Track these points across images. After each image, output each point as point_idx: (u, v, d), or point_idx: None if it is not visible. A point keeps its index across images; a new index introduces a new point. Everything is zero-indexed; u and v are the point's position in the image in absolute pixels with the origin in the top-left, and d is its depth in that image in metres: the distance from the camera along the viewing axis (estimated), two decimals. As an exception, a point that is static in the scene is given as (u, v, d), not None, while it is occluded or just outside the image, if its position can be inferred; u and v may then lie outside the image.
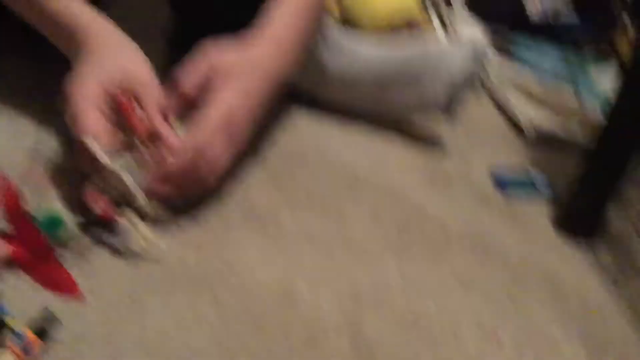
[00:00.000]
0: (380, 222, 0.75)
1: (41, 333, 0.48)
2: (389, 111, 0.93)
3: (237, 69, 0.66)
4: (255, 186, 0.74)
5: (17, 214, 0.55)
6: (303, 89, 0.93)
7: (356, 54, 0.90)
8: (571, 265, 0.77)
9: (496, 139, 1.04)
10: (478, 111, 1.12)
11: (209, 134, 0.62)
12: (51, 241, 0.56)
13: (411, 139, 0.95)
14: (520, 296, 0.69)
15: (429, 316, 0.63)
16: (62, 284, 0.54)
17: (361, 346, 0.57)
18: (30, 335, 0.47)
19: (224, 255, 0.63)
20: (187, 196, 0.64)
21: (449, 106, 0.91)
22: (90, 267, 0.57)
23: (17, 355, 0.46)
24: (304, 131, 0.89)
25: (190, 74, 0.66)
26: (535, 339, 0.64)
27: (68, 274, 0.55)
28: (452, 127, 1.01)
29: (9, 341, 0.46)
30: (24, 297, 0.52)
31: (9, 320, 0.47)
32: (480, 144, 1.01)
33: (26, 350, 0.46)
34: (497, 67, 1.19)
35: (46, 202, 0.59)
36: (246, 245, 0.65)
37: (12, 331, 0.47)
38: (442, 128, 0.97)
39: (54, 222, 0.56)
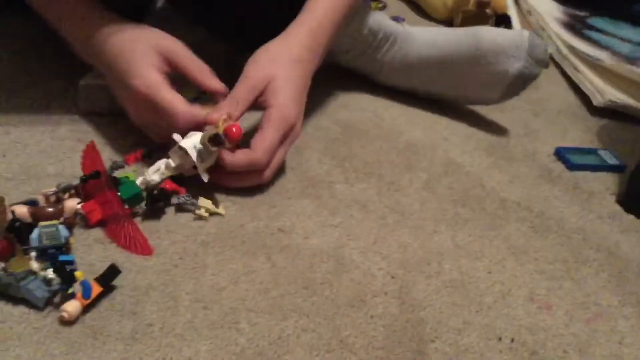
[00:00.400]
0: (436, 194, 0.75)
1: (105, 284, 0.52)
2: (444, 98, 0.94)
3: (282, 72, 0.69)
4: (313, 158, 0.77)
5: (96, 174, 0.60)
6: (361, 74, 0.95)
7: (412, 39, 0.91)
8: (631, 239, 0.74)
9: (565, 116, 1.02)
10: (549, 88, 1.11)
11: (269, 145, 0.66)
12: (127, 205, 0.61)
13: (474, 114, 0.96)
14: (576, 266, 0.68)
15: (479, 282, 0.64)
16: (133, 242, 0.59)
17: (409, 308, 0.59)
18: (94, 284, 0.51)
19: (279, 222, 0.66)
20: (242, 185, 0.68)
21: (502, 101, 0.91)
22: (155, 228, 0.62)
23: (82, 303, 0.50)
24: (363, 104, 0.92)
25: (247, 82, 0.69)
26: (587, 306, 0.63)
27: (140, 233, 0.60)
28: (520, 104, 1.01)
29: (77, 291, 0.51)
30: (93, 252, 0.58)
31: (77, 273, 0.52)
32: (548, 122, 0.99)
33: (87, 296, 0.51)
34: (571, 44, 1.16)
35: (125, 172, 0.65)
36: (301, 213, 0.68)
37: (80, 282, 0.52)
38: (508, 105, 0.96)
39: (134, 196, 0.61)
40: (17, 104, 0.75)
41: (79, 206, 0.58)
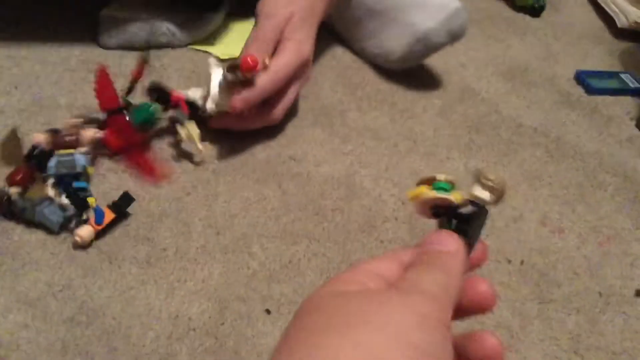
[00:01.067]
0: (450, 121, 0.74)
1: (118, 211, 0.53)
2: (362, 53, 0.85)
3: (299, 10, 0.67)
4: (326, 86, 0.76)
5: (110, 101, 0.60)
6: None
7: None
8: (651, 162, 0.73)
9: (587, 39, 0.99)
10: (571, 10, 1.07)
11: (282, 72, 0.64)
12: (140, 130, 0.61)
13: (494, 38, 0.93)
14: (590, 190, 0.68)
15: (490, 209, 0.63)
16: (147, 169, 0.60)
17: (419, 233, 0.59)
18: (107, 211, 0.53)
19: (291, 151, 0.66)
20: (252, 126, 0.67)
21: (402, 63, 0.80)
22: (167, 157, 0.62)
23: (94, 228, 0.52)
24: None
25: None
26: (600, 229, 0.63)
27: (153, 160, 0.60)
28: (541, 27, 0.98)
29: (90, 216, 0.53)
30: (107, 181, 0.59)
31: (90, 199, 0.53)
32: (569, 45, 0.96)
33: (99, 222, 0.52)
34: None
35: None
36: (313, 142, 0.68)
37: (93, 208, 0.53)
38: (529, 28, 0.93)
39: (145, 121, 0.61)
40: (28, 35, 0.75)
41: (97, 135, 0.59)
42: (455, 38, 0.77)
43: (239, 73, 0.60)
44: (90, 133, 0.59)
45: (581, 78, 0.85)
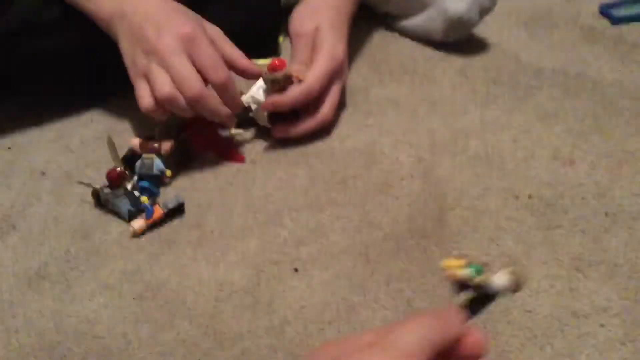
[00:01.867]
0: (470, 78, 0.79)
1: (173, 215, 0.65)
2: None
3: (326, 20, 0.74)
4: (351, 70, 0.83)
5: None
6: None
7: None
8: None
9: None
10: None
11: (319, 73, 0.71)
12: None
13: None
14: (606, 118, 0.70)
15: (502, 151, 0.68)
16: (231, 155, 0.73)
17: (432, 185, 0.66)
18: (156, 208, 0.64)
19: (318, 132, 0.74)
20: (306, 129, 0.73)
21: (446, 38, 0.85)
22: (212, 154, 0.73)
23: (145, 222, 0.64)
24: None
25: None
26: (612, 157, 0.65)
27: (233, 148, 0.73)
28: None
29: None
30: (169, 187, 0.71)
31: (143, 197, 0.65)
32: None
33: (148, 217, 0.64)
34: None
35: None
36: (338, 121, 0.76)
37: (145, 205, 0.65)
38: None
39: None
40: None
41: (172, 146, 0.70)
42: (487, 12, 0.82)
43: (270, 76, 0.69)
44: (169, 144, 0.70)
45: (605, 10, 0.86)
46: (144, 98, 0.66)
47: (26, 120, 0.80)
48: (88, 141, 0.76)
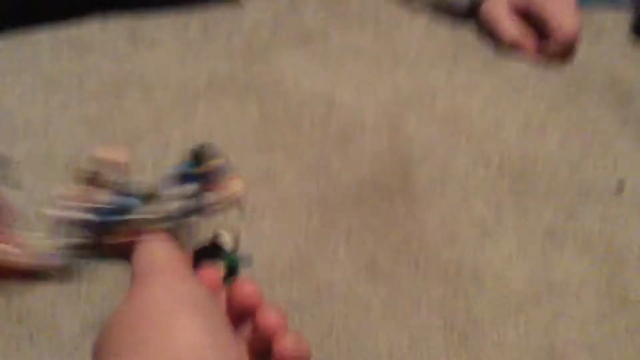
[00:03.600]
0: (436, 36, 0.74)
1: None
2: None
3: None
4: (309, 10, 0.76)
5: None
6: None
7: None
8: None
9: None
10: None
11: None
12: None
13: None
14: (579, 96, 0.67)
15: (471, 113, 0.63)
16: None
17: (397, 142, 0.60)
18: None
19: (271, 70, 0.66)
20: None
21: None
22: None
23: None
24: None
25: None
26: (585, 133, 0.62)
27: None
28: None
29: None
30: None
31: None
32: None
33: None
34: None
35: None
36: (293, 61, 0.68)
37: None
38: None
39: None
40: None
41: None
42: None
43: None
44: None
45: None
46: None
47: None
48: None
